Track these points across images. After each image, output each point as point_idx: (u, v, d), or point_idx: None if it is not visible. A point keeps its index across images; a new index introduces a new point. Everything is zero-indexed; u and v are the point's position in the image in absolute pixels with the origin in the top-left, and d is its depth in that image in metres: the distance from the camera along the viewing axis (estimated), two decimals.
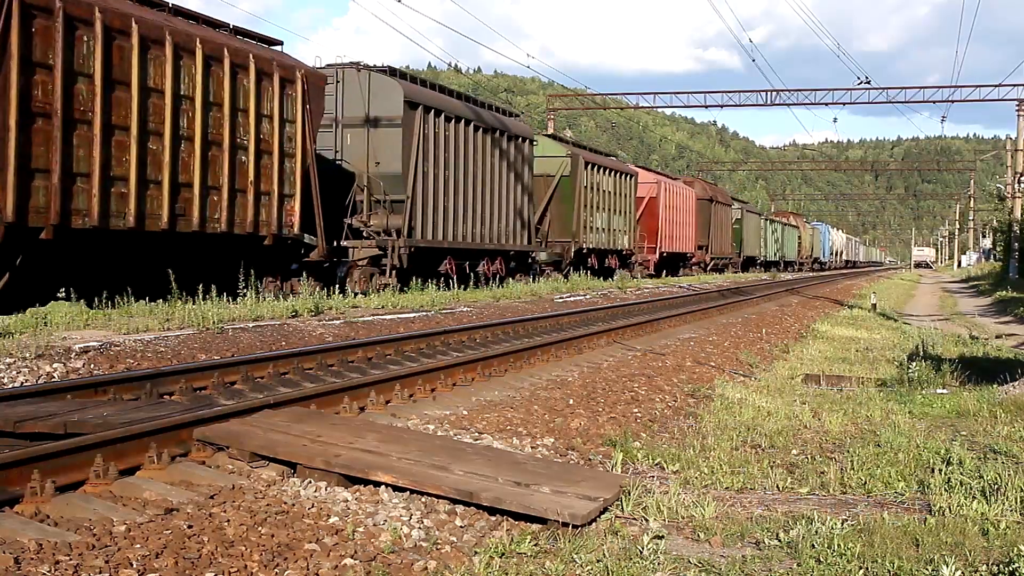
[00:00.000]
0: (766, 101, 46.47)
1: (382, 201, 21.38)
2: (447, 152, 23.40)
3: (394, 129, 21.56)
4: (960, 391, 10.31)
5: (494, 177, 26.01)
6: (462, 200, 24.16)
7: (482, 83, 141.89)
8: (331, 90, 20.93)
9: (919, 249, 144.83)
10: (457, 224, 23.86)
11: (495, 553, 4.80)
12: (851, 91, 44.88)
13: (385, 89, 21.74)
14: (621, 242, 37.43)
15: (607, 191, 35.46)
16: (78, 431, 6.00)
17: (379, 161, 21.33)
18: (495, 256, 26.46)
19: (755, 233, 63.96)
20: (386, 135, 21.53)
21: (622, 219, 37.37)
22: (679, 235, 45.08)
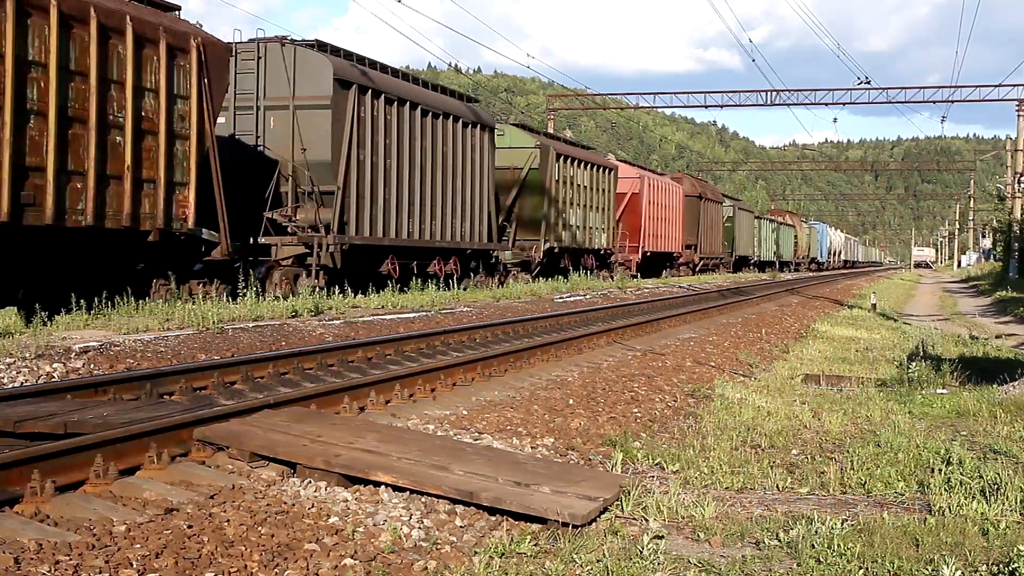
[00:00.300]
0: (766, 101, 46.50)
1: (310, 193, 19.06)
2: (389, 138, 20.87)
3: (322, 111, 19.03)
4: (960, 391, 10.31)
5: (448, 168, 23.50)
6: (407, 193, 21.66)
7: (482, 83, 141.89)
8: (252, 67, 19.21)
9: (919, 249, 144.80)
10: (402, 219, 21.38)
11: (495, 553, 4.80)
12: (851, 91, 44.91)
13: (312, 66, 19.20)
14: (599, 241, 34.80)
15: (582, 186, 32.79)
16: (78, 431, 6.00)
17: (306, 147, 18.89)
18: (449, 255, 23.92)
19: (748, 232, 61.62)
20: (313, 118, 19.02)
21: (600, 216, 34.70)
22: (665, 234, 42.67)
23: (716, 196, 53.65)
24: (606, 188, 35.39)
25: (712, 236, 51.37)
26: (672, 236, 43.77)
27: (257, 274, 17.98)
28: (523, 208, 29.68)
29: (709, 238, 50.54)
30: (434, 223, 22.91)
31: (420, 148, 22.18)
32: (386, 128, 20.78)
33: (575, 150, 33.46)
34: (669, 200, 43.06)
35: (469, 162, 24.63)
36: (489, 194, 25.83)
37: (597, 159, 35.49)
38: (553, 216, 30.34)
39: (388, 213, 20.85)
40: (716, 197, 53.34)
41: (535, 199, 29.72)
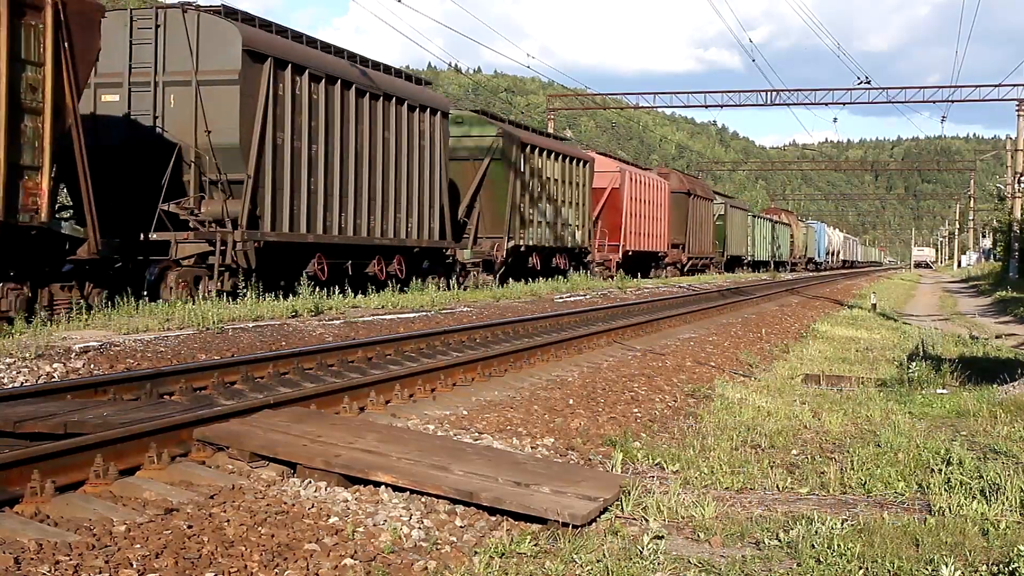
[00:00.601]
0: (766, 101, 46.50)
1: (216, 182, 16.55)
2: (316, 120, 18.41)
3: (229, 88, 16.50)
4: (960, 391, 10.31)
5: (391, 156, 20.92)
6: (339, 183, 19.12)
7: (482, 83, 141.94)
8: (149, 36, 16.77)
9: (919, 249, 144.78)
10: (332, 213, 18.89)
11: (495, 553, 4.80)
12: (851, 91, 44.92)
13: (218, 35, 16.67)
14: (572, 239, 32.02)
15: (552, 178, 29.96)
16: (78, 431, 6.00)
17: (211, 129, 16.30)
18: (391, 254, 21.26)
19: (741, 231, 59.12)
20: (219, 96, 16.47)
21: (574, 212, 31.96)
22: (649, 232, 39.91)
23: (706, 193, 51.04)
24: (580, 182, 32.65)
25: (702, 235, 48.85)
26: (657, 234, 41.33)
27: (148, 275, 15.65)
28: (485, 203, 26.79)
29: (698, 237, 48.03)
30: (373, 218, 20.37)
31: (356, 133, 19.70)
32: (312, 109, 18.33)
33: (543, 139, 30.51)
34: (654, 196, 40.53)
35: (417, 150, 22.14)
36: (442, 186, 23.33)
37: (570, 150, 32.80)
38: (519, 212, 27.51)
39: (314, 206, 18.43)
40: (706, 194, 50.76)
41: (498, 193, 26.78)
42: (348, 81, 19.40)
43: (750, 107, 47.39)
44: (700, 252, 48.48)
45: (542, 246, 29.55)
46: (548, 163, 29.74)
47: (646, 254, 40.27)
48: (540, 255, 29.62)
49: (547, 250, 30.24)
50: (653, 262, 41.96)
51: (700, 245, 48.43)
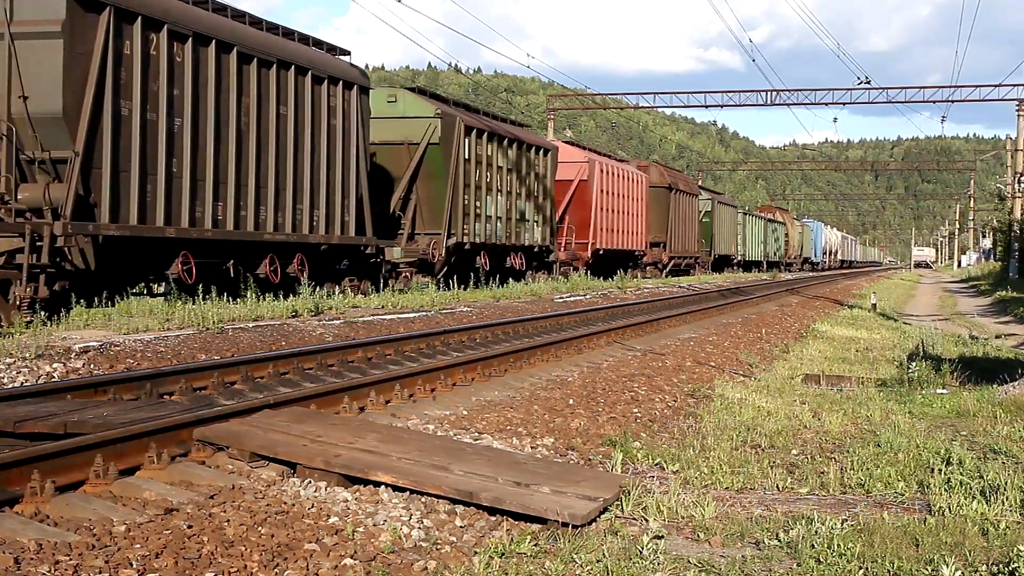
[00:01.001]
0: (766, 101, 46.50)
1: (38, 161, 13.31)
2: (181, 89, 15.03)
3: (50, 42, 13.21)
4: (960, 391, 10.31)
5: (288, 135, 17.38)
6: (214, 166, 15.68)
7: (482, 83, 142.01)
8: None
9: (919, 249, 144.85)
10: (203, 203, 15.47)
11: (495, 553, 4.80)
12: (851, 91, 44.90)
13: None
14: (531, 236, 28.37)
15: (506, 168, 26.37)
16: (78, 431, 6.00)
17: (27, 95, 13.09)
18: (290, 252, 17.72)
19: (730, 229, 55.87)
20: (39, 53, 13.20)
21: (532, 206, 28.29)
22: (623, 228, 36.52)
23: (691, 188, 47.46)
24: (540, 172, 28.96)
25: (686, 232, 45.43)
26: (634, 232, 37.95)
27: None
28: (423, 194, 23.25)
29: (681, 235, 44.56)
30: (263, 209, 16.89)
31: (239, 106, 16.29)
32: (175, 74, 14.90)
33: (495, 124, 26.76)
34: (630, 190, 37.20)
35: (326, 129, 18.54)
36: (360, 173, 19.74)
37: (527, 136, 28.90)
38: (462, 204, 23.86)
39: (177, 193, 14.98)
40: (691, 189, 47.15)
41: (437, 183, 23.23)
42: (227, 43, 15.96)
43: (750, 107, 47.42)
44: (684, 251, 45.14)
45: (493, 244, 25.77)
46: (500, 150, 26.18)
47: (621, 253, 36.78)
48: (490, 254, 25.82)
49: (499, 248, 26.44)
50: (630, 262, 38.38)
51: (684, 243, 45.09)
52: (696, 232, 47.49)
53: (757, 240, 63.83)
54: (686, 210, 45.34)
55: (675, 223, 43.31)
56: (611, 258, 35.66)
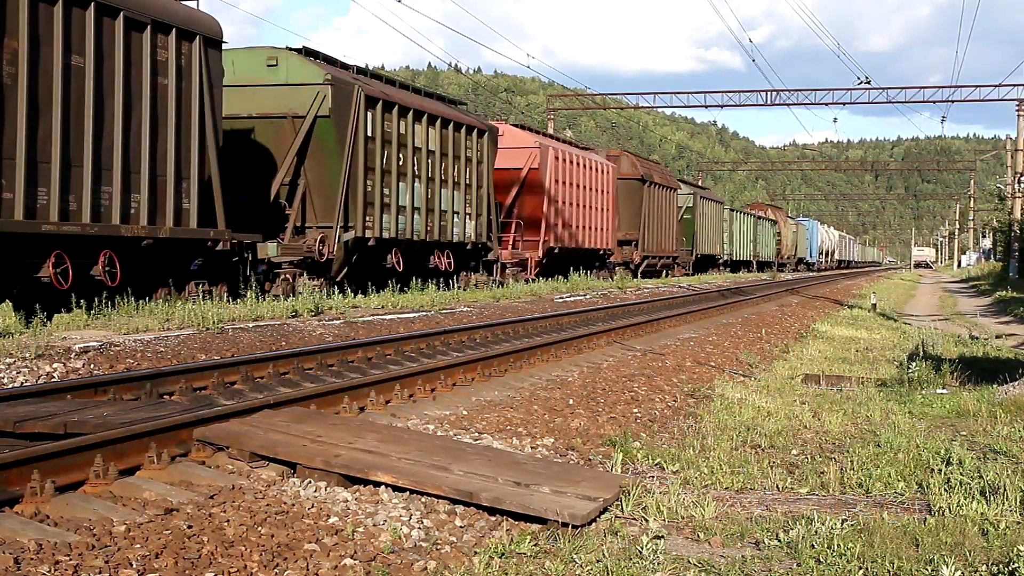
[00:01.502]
0: (766, 101, 46.54)
1: None
2: None
3: None
4: (960, 391, 10.31)
5: (87, 95, 13.12)
6: None
7: (482, 83, 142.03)
8: None
9: (919, 249, 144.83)
10: None
11: (495, 553, 4.80)
12: (851, 91, 44.96)
13: None
14: (461, 231, 23.86)
15: (428, 150, 21.97)
16: (78, 431, 6.00)
17: None
18: (93, 249, 13.37)
19: (714, 227, 51.67)
20: None
21: (463, 196, 23.83)
22: (586, 224, 32.33)
23: (668, 181, 43.22)
24: (476, 157, 24.56)
25: (662, 230, 41.12)
26: (599, 228, 33.77)
27: None
28: (315, 179, 19.03)
29: (657, 232, 40.26)
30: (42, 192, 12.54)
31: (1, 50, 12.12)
32: None
33: (408, 96, 22.14)
34: (594, 181, 33.04)
35: (148, 90, 14.25)
36: (207, 149, 15.63)
37: (454, 114, 24.18)
38: (363, 192, 19.58)
39: None
40: (668, 182, 42.91)
41: (331, 165, 18.99)
42: None
43: (750, 107, 47.46)
44: (660, 250, 40.97)
45: (408, 240, 21.32)
46: (419, 129, 21.72)
47: (582, 252, 32.56)
48: (405, 252, 21.35)
49: (418, 245, 21.94)
50: (596, 262, 34.31)
51: (660, 242, 40.85)
52: (674, 229, 43.43)
53: (746, 239, 60.32)
54: (663, 205, 41.09)
55: (649, 219, 39.00)
56: (569, 258, 31.22)
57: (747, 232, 60.72)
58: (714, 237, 51.71)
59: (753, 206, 76.00)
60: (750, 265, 61.42)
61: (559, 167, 29.89)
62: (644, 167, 39.49)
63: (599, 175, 33.75)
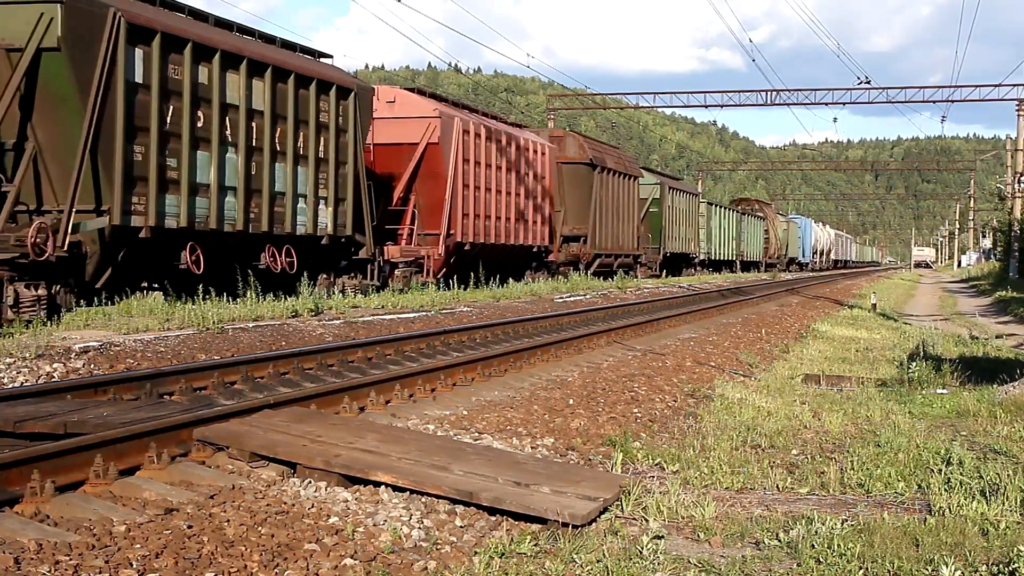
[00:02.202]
0: (766, 101, 46.46)
1: None
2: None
3: None
4: (960, 391, 10.31)
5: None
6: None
7: (482, 83, 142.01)
8: None
9: (919, 249, 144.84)
10: None
11: (495, 553, 4.80)
12: (851, 91, 44.84)
13: None
14: (310, 220, 18.28)
15: (245, 108, 16.44)
16: (78, 431, 6.00)
17: None
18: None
19: (688, 221, 45.95)
20: None
21: (311, 173, 18.22)
22: (511, 215, 26.48)
23: (628, 167, 36.80)
24: (333, 123, 18.79)
25: (620, 224, 35.38)
26: (531, 220, 27.89)
27: None
28: (47, 140, 13.44)
29: (613, 227, 34.60)
30: None
31: None
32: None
33: (208, 31, 16.15)
34: (523, 163, 27.29)
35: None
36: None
37: (293, 62, 17.93)
38: (121, 161, 13.95)
39: None
40: (627, 168, 36.57)
41: (69, 121, 13.43)
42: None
43: (750, 107, 47.38)
44: (617, 247, 35.20)
45: (214, 231, 15.89)
46: (234, 80, 16.25)
47: (508, 250, 26.72)
48: (211, 248, 15.94)
49: (234, 239, 16.50)
50: (531, 261, 28.98)
51: (616, 238, 35.09)
52: (636, 224, 37.56)
53: (728, 236, 55.08)
54: (620, 195, 35.26)
55: (603, 211, 33.36)
56: (489, 257, 25.49)
57: (730, 229, 55.94)
58: (687, 233, 46.09)
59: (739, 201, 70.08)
60: (733, 265, 56.61)
61: (470, 143, 23.99)
62: (595, 150, 33.79)
63: (532, 157, 28.08)
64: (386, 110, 22.76)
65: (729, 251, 55.41)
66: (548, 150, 29.57)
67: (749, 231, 60.82)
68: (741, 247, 58.39)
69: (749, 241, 60.72)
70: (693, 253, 47.53)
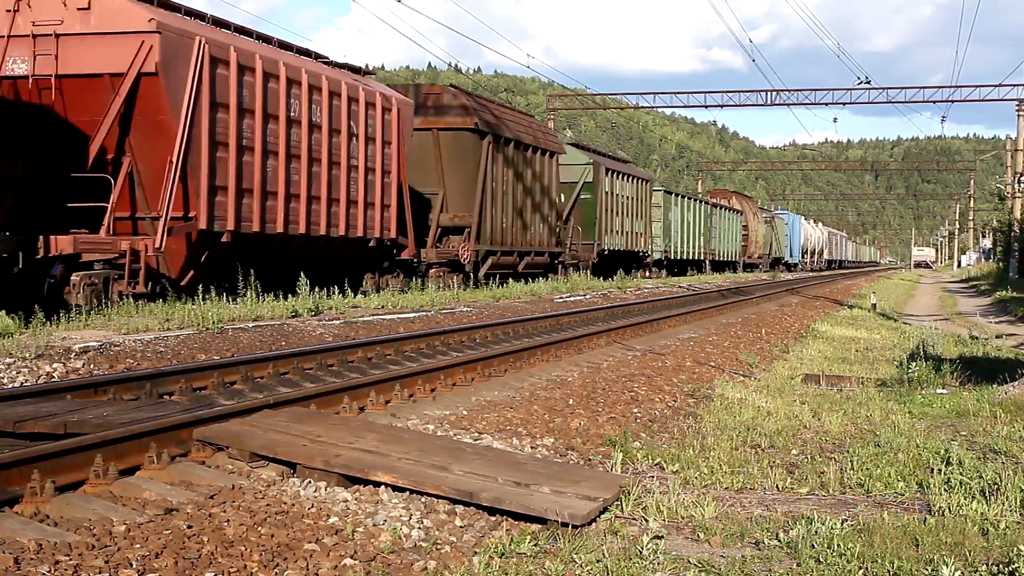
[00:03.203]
0: (766, 101, 46.44)
1: None
2: None
3: None
4: (960, 391, 10.31)
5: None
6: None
7: (482, 83, 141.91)
8: None
9: (919, 249, 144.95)
10: None
11: (495, 553, 4.80)
12: (851, 91, 44.82)
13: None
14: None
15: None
16: (78, 431, 6.00)
17: None
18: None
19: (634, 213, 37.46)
20: None
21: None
22: (327, 193, 18.34)
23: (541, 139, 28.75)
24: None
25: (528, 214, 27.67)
26: (362, 202, 19.57)
27: None
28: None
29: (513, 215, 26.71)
30: None
31: None
32: None
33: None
34: (349, 122, 19.17)
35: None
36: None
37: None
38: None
39: None
40: (541, 141, 28.50)
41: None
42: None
43: (750, 107, 47.34)
44: (521, 243, 27.54)
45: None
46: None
47: (316, 243, 18.31)
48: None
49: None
50: (369, 262, 20.72)
51: (520, 230, 27.37)
52: (553, 213, 29.96)
53: (692, 232, 46.99)
54: (528, 176, 27.58)
55: (498, 195, 25.53)
56: (275, 252, 17.39)
57: (695, 224, 47.46)
58: (634, 227, 37.65)
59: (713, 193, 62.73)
60: (701, 265, 49.11)
61: (229, 80, 15.84)
62: (488, 112, 25.71)
63: (369, 114, 19.87)
64: (77, 21, 14.74)
65: (694, 249, 47.60)
66: (396, 107, 20.90)
67: (722, 227, 53.68)
68: (711, 245, 51.05)
69: (722, 238, 53.70)
70: (643, 250, 39.10)
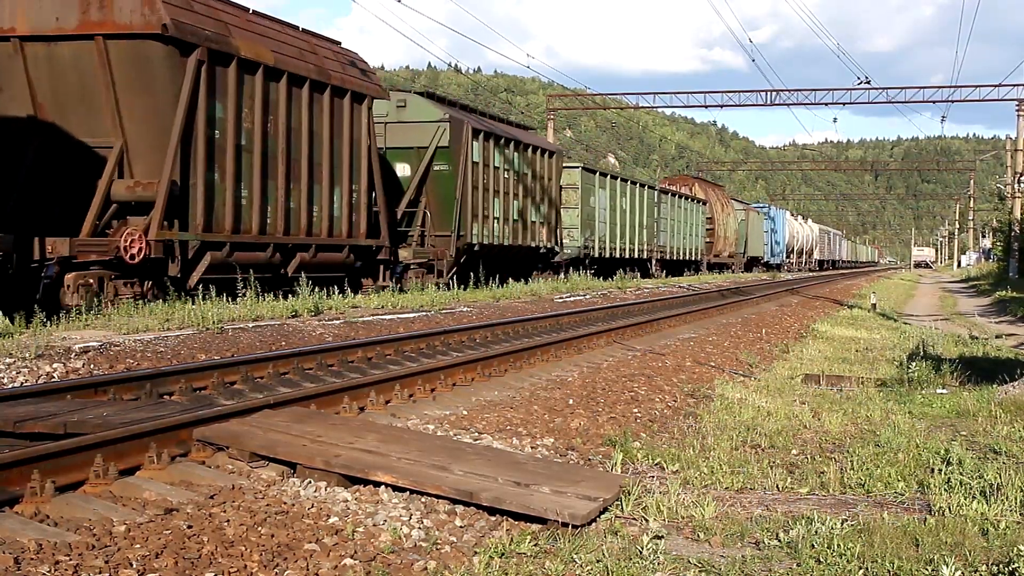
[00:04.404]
0: (766, 101, 46.42)
1: None
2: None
3: None
4: (960, 391, 10.31)
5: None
6: None
7: (482, 83, 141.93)
8: None
9: (919, 249, 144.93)
10: None
11: (495, 553, 4.80)
12: (851, 91, 44.78)
13: None
14: None
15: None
16: (78, 431, 6.00)
17: None
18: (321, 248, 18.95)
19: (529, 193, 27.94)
20: None
21: None
22: None
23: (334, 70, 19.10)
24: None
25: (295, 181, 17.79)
26: None
27: None
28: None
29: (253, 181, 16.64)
30: None
31: None
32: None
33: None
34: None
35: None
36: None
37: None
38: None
39: None
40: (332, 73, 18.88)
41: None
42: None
43: (750, 107, 47.32)
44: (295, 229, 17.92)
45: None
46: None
47: None
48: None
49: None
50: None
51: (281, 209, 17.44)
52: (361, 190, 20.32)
53: (631, 223, 38.01)
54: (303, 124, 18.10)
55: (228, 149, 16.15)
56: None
57: (635, 214, 38.48)
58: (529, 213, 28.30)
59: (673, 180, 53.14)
60: (646, 265, 40.34)
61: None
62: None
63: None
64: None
65: (633, 245, 38.24)
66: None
67: (677, 219, 44.30)
68: (660, 240, 41.69)
69: (676, 232, 44.32)
70: (543, 245, 29.40)
